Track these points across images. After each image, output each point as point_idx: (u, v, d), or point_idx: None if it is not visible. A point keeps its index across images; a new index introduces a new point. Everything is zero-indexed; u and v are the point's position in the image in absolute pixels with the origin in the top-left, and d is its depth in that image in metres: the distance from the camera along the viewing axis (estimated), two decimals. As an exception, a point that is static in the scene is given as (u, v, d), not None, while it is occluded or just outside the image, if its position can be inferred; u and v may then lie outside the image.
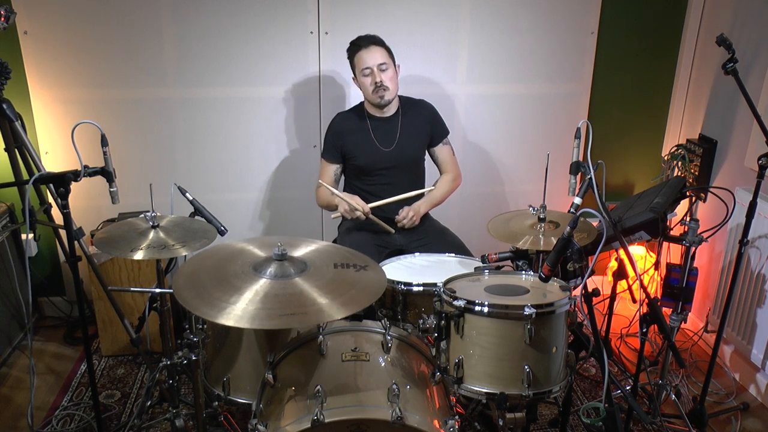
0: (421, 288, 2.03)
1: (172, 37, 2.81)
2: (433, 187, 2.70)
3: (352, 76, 2.62)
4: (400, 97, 2.68)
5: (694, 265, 2.24)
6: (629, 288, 2.80)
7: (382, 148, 2.62)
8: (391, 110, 2.64)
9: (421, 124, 2.69)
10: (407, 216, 2.56)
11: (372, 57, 2.51)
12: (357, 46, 2.55)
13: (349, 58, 2.59)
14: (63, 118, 2.83)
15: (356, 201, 2.49)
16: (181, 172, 3.00)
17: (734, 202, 2.32)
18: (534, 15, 3.03)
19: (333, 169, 2.69)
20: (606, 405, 1.75)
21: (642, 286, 2.07)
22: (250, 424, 1.59)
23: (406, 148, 2.66)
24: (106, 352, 2.85)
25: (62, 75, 2.78)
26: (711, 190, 2.78)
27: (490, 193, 3.31)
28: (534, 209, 2.15)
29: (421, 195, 2.63)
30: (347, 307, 1.54)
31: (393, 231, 2.58)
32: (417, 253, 2.43)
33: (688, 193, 2.44)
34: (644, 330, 2.12)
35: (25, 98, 2.78)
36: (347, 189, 2.72)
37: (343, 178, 2.77)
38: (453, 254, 2.42)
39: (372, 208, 2.51)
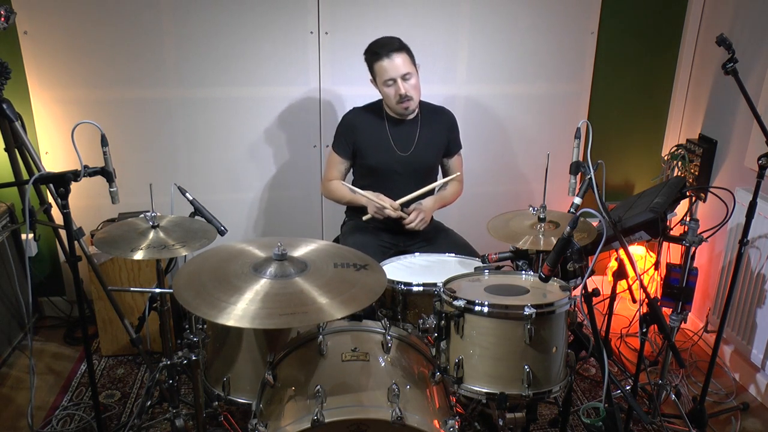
0: (421, 288, 2.03)
1: (172, 37, 2.81)
2: (459, 173, 2.64)
3: (370, 78, 2.50)
4: (421, 102, 2.57)
5: (694, 265, 2.24)
6: (629, 288, 2.80)
7: (398, 152, 2.54)
8: (411, 114, 2.53)
9: (441, 132, 2.61)
10: (417, 218, 2.46)
11: (395, 68, 2.36)
12: (377, 54, 2.39)
13: (366, 62, 2.46)
14: (63, 118, 2.84)
15: (382, 199, 2.42)
16: (181, 172, 3.01)
17: (734, 202, 2.32)
18: (534, 15, 3.03)
19: (344, 165, 2.61)
20: (606, 405, 1.75)
21: (642, 286, 2.07)
22: (250, 424, 1.59)
23: (423, 155, 2.57)
24: (106, 352, 2.85)
25: (62, 75, 2.78)
26: (711, 190, 2.78)
27: (490, 193, 3.31)
28: (534, 209, 2.15)
29: (432, 192, 2.57)
30: (348, 306, 1.54)
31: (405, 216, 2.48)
32: (417, 253, 2.42)
33: (688, 193, 2.44)
34: (644, 330, 2.12)
35: (25, 98, 2.78)
36: (356, 186, 2.66)
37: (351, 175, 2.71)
38: (453, 254, 2.42)
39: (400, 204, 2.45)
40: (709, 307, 2.97)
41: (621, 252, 2.01)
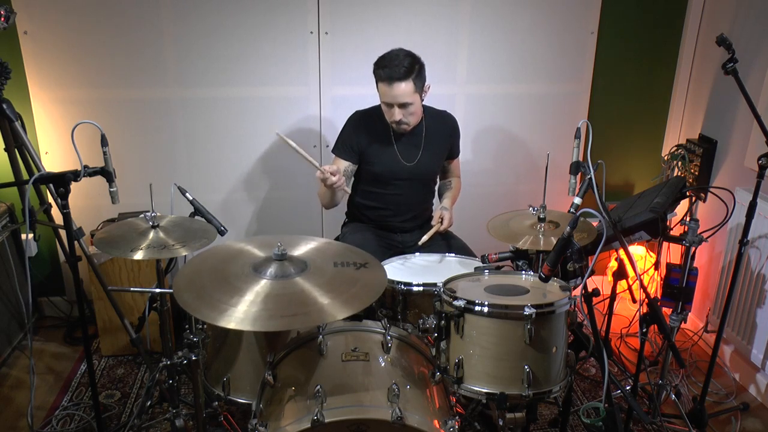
0: (421, 288, 2.03)
1: (172, 37, 2.81)
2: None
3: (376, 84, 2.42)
4: (424, 107, 2.50)
5: (694, 265, 2.24)
6: (629, 288, 2.80)
7: (404, 161, 2.52)
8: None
9: (443, 138, 2.60)
10: (446, 220, 2.52)
11: (393, 96, 2.32)
12: (379, 75, 2.33)
13: (373, 73, 2.39)
14: (63, 118, 2.83)
15: (325, 168, 2.27)
16: (181, 172, 3.00)
17: (734, 202, 2.32)
18: (534, 15, 3.03)
19: (344, 165, 2.53)
20: (606, 405, 1.75)
21: (642, 286, 2.07)
22: (250, 424, 1.59)
23: (427, 165, 2.57)
24: (106, 352, 2.85)
25: (62, 75, 2.78)
26: (711, 190, 2.78)
27: (490, 193, 3.31)
28: (534, 209, 2.15)
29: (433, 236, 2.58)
30: (349, 306, 1.54)
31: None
32: (417, 253, 2.43)
33: (688, 193, 2.44)
34: (644, 330, 2.12)
35: (25, 98, 2.78)
36: (358, 189, 2.65)
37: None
38: (453, 254, 2.42)
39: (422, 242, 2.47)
40: (709, 307, 2.97)
41: (621, 252, 2.01)
